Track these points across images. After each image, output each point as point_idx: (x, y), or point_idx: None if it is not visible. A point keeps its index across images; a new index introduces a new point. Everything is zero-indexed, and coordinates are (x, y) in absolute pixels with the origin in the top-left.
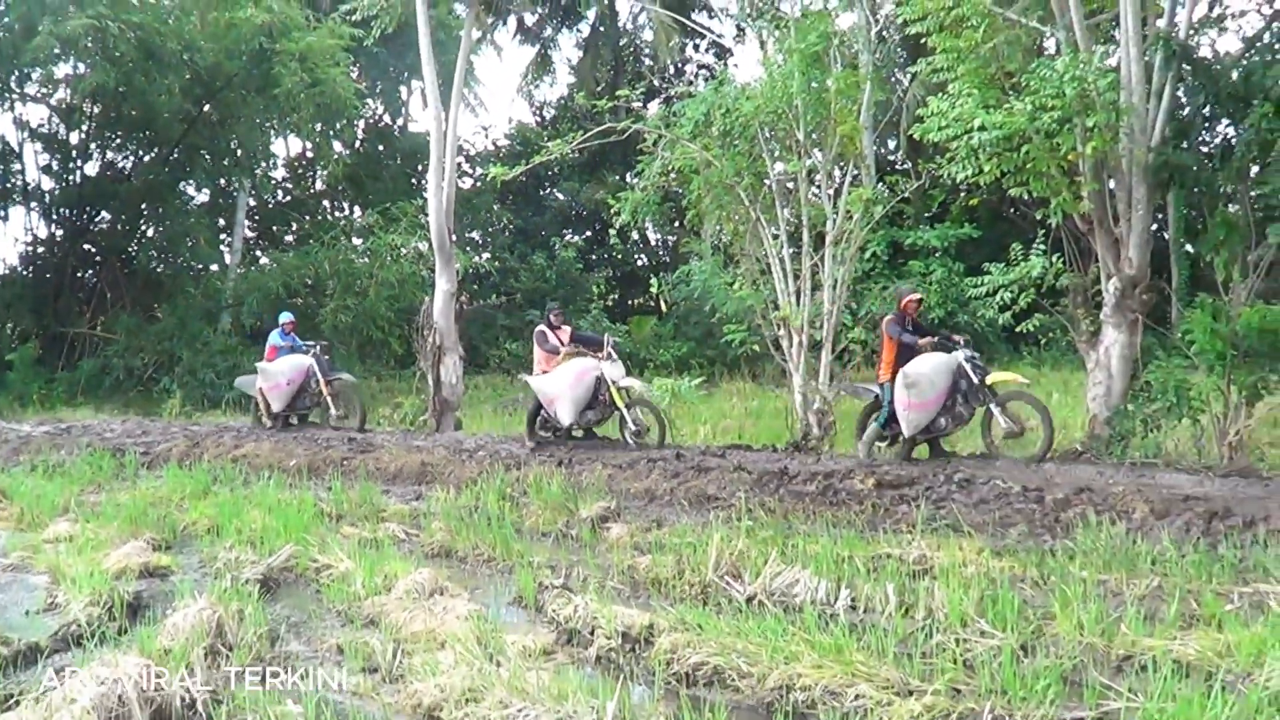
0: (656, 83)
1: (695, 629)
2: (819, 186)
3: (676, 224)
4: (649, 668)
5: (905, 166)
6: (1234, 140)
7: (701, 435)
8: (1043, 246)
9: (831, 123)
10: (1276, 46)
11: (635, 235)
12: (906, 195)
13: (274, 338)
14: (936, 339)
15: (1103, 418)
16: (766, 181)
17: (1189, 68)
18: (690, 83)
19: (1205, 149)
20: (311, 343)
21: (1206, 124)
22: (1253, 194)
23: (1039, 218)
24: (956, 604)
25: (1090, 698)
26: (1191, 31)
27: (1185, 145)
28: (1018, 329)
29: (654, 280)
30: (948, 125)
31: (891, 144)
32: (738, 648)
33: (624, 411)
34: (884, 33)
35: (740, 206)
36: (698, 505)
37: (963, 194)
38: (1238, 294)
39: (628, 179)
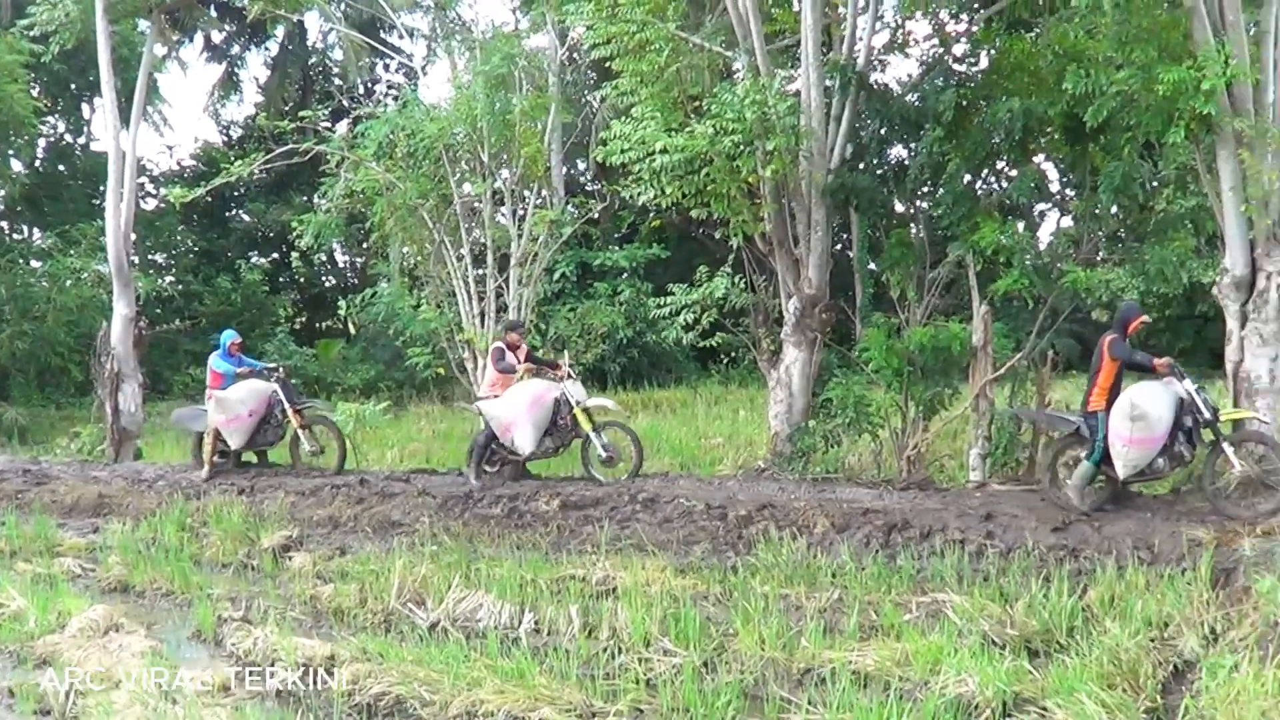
0: (346, 103)
1: (377, 658)
2: (505, 208)
3: (365, 245)
4: (330, 700)
5: (595, 188)
6: (908, 163)
7: (389, 459)
8: (727, 268)
9: (516, 144)
10: (945, 73)
11: (324, 257)
12: (594, 216)
13: (217, 362)
14: (1170, 366)
15: (784, 434)
16: (453, 203)
17: (866, 93)
18: (379, 103)
19: (881, 171)
20: (273, 364)
21: (882, 147)
22: (934, 214)
23: (720, 238)
24: (639, 624)
25: (771, 711)
26: (871, 59)
27: (862, 167)
28: (703, 347)
29: (342, 303)
30: (630, 148)
31: (582, 165)
32: (420, 676)
33: (592, 436)
34: (575, 55)
35: (424, 228)
36: (382, 532)
37: (652, 215)
38: (913, 312)
39: (315, 200)
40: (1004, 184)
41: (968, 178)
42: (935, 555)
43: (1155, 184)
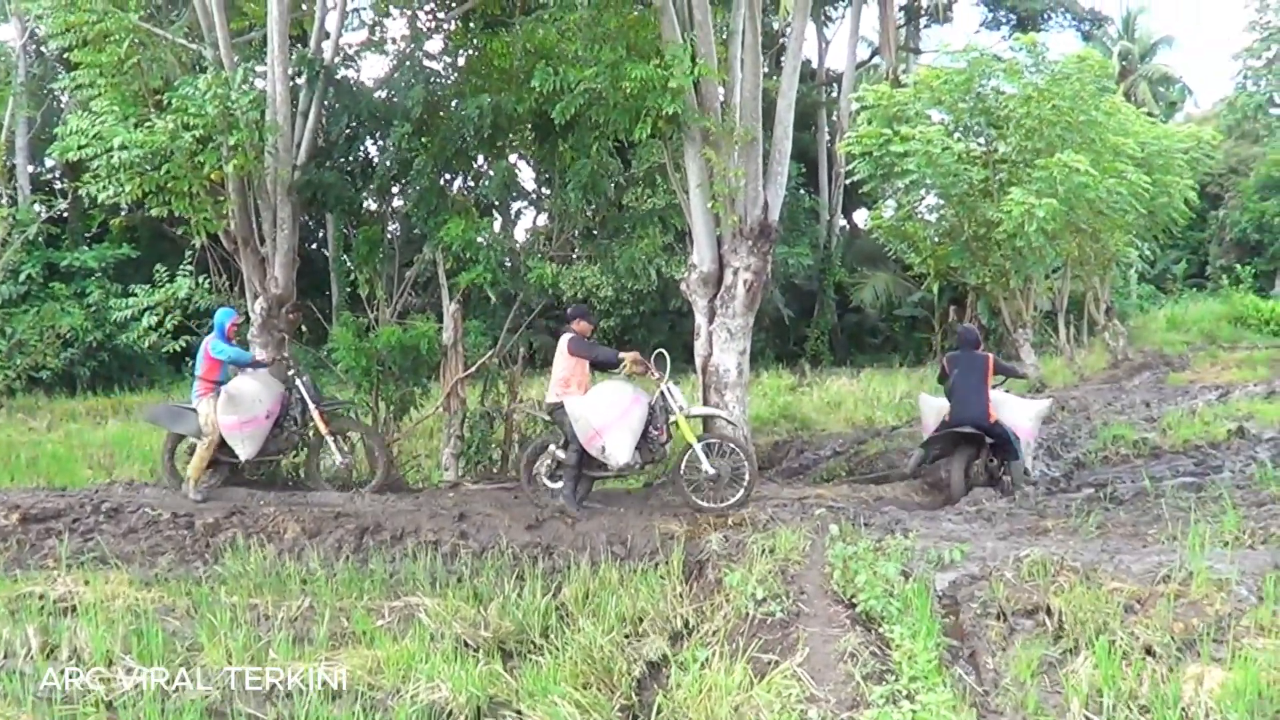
0: None
1: None
2: None
3: None
4: None
5: (62, 186)
6: (376, 160)
7: None
8: (190, 267)
9: None
10: (416, 70)
11: None
12: (60, 214)
13: (218, 347)
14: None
15: None
16: None
17: (334, 89)
18: None
19: (350, 168)
20: (285, 355)
21: (351, 143)
22: (405, 212)
23: (184, 235)
24: (101, 642)
25: None
26: (343, 54)
27: (330, 164)
28: (175, 350)
29: None
30: (88, 143)
31: (50, 163)
32: None
33: (697, 450)
34: (43, 47)
35: None
36: None
37: (123, 214)
38: (384, 311)
39: None
40: (477, 181)
41: (438, 175)
42: (408, 558)
43: (626, 182)
